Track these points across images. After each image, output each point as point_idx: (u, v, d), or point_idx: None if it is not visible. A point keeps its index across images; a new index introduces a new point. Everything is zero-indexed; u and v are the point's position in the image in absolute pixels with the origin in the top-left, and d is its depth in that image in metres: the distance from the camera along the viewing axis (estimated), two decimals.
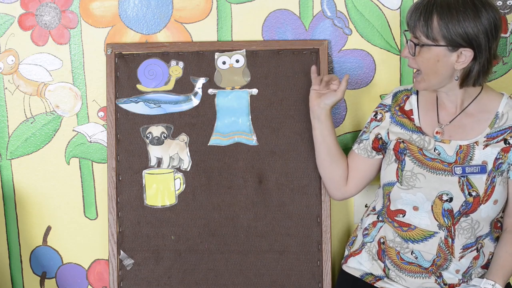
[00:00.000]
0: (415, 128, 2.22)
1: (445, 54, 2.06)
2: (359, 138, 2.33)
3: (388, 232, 2.26)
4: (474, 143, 2.15)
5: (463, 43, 2.04)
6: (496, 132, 2.15)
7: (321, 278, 2.46)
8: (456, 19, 2.02)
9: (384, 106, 2.29)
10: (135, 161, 2.47)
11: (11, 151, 2.54)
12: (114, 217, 2.47)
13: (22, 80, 2.51)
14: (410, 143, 2.21)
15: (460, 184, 2.14)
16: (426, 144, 2.19)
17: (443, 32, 2.04)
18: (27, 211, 2.57)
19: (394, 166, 2.22)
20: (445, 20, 2.03)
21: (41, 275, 2.61)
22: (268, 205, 2.47)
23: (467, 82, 2.11)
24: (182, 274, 2.48)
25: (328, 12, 2.46)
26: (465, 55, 2.05)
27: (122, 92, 2.47)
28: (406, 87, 2.29)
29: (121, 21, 2.47)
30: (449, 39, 2.04)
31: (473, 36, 2.03)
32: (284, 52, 2.45)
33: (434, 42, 2.06)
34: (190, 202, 2.47)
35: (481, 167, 2.14)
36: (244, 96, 2.47)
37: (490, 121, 2.16)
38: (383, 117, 2.28)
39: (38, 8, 2.46)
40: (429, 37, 2.06)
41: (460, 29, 2.03)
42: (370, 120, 2.31)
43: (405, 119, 2.24)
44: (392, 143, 2.24)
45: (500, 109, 2.16)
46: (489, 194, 2.14)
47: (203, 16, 2.47)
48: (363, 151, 2.31)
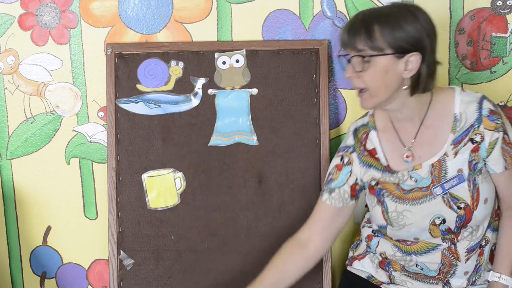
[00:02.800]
0: (383, 168, 2.15)
1: (393, 63, 1.99)
2: (327, 187, 2.20)
3: (387, 248, 2.22)
4: (444, 156, 2.09)
5: (409, 47, 1.98)
6: (460, 135, 2.08)
7: (321, 278, 2.46)
8: (397, 25, 1.98)
9: (347, 147, 2.20)
10: (135, 161, 2.47)
11: (11, 151, 2.54)
12: (114, 217, 2.47)
13: (22, 80, 2.51)
14: (385, 182, 2.14)
15: (446, 202, 2.09)
16: (399, 179, 2.12)
17: (388, 39, 1.97)
18: (27, 211, 2.57)
19: (378, 209, 2.16)
20: (387, 27, 1.97)
21: (41, 275, 2.61)
22: (268, 205, 2.47)
23: (418, 89, 2.03)
24: (182, 274, 2.48)
25: (328, 12, 2.46)
26: (413, 60, 1.99)
27: (122, 92, 2.47)
28: (363, 122, 2.21)
29: (121, 21, 2.47)
30: (395, 46, 1.98)
31: (417, 38, 1.98)
32: (284, 52, 2.45)
33: (380, 52, 1.99)
34: (190, 202, 2.47)
35: (458, 177, 2.08)
36: (244, 96, 2.47)
37: (451, 126, 2.09)
38: (350, 160, 2.19)
39: (38, 8, 2.46)
40: (374, 48, 1.99)
41: (404, 33, 1.97)
42: (338, 167, 2.21)
43: (371, 159, 2.16)
44: (367, 186, 2.18)
45: (457, 110, 2.08)
46: (476, 198, 2.09)
47: (203, 16, 2.47)
48: (338, 200, 2.20)
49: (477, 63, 2.47)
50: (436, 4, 2.44)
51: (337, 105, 2.51)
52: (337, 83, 2.50)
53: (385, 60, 1.99)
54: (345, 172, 2.19)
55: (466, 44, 2.46)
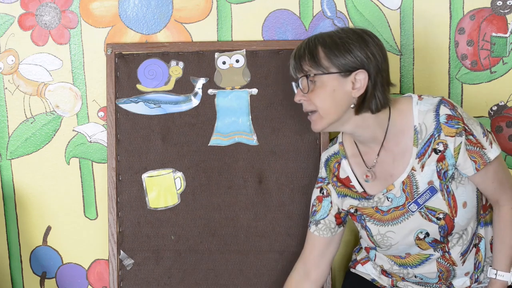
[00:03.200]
0: (359, 196, 2.16)
1: (339, 82, 1.99)
2: (313, 219, 2.23)
3: (384, 263, 2.24)
4: (411, 171, 2.07)
5: (354, 65, 1.98)
6: (422, 147, 2.06)
7: None
8: (341, 45, 1.99)
9: (323, 179, 2.23)
10: (135, 161, 2.47)
11: (11, 151, 2.54)
12: (114, 217, 2.47)
13: (22, 80, 2.51)
14: (363, 207, 2.15)
15: (424, 216, 2.08)
16: (377, 202, 2.13)
17: (331, 59, 1.98)
18: (27, 211, 2.57)
19: (364, 233, 2.19)
20: (331, 48, 1.99)
21: (41, 275, 2.61)
22: (268, 205, 2.47)
23: (363, 107, 2.01)
24: (182, 274, 2.48)
25: (328, 12, 2.46)
26: (360, 78, 1.98)
27: (122, 92, 2.47)
28: (334, 151, 2.21)
29: (121, 21, 2.47)
30: (339, 64, 1.98)
31: (361, 57, 1.98)
32: (284, 52, 2.45)
33: (325, 71, 1.99)
34: (190, 202, 2.47)
35: (430, 189, 2.07)
36: (244, 96, 2.47)
37: (412, 139, 2.06)
38: (328, 191, 2.21)
39: (38, 8, 2.46)
40: (319, 68, 2.00)
41: (347, 52, 1.98)
42: (318, 199, 2.23)
43: (345, 189, 2.18)
44: (347, 214, 2.21)
45: (416, 122, 2.05)
46: (454, 205, 2.07)
47: (203, 16, 2.47)
48: (325, 231, 2.22)
49: (477, 63, 2.47)
50: (436, 4, 2.44)
51: None
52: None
53: (331, 80, 2.00)
54: (326, 204, 2.22)
55: (466, 44, 2.46)
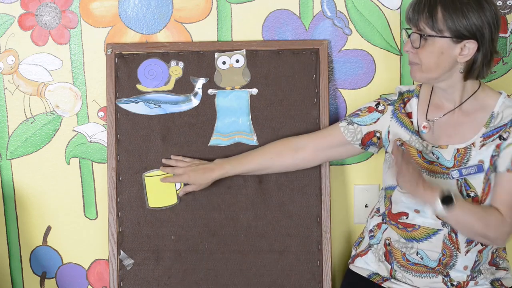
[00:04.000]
0: (414, 131, 2.22)
1: (449, 46, 2.07)
2: (350, 118, 2.30)
3: (392, 234, 2.25)
4: (471, 145, 2.15)
5: (467, 34, 2.05)
6: (491, 131, 2.14)
7: (321, 278, 2.46)
8: (460, 11, 2.05)
9: (388, 100, 2.28)
10: (135, 161, 2.47)
11: (11, 151, 2.54)
12: (114, 217, 2.47)
13: (22, 80, 2.51)
14: (409, 145, 2.20)
15: (459, 186, 2.14)
16: (424, 148, 2.19)
17: (448, 23, 2.05)
18: (27, 211, 2.57)
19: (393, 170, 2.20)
20: (450, 11, 2.05)
21: (41, 275, 2.61)
22: (268, 205, 2.47)
23: (471, 74, 2.12)
24: (182, 274, 2.48)
25: (328, 12, 2.46)
26: (469, 47, 2.07)
27: (122, 92, 2.47)
28: (409, 88, 2.29)
29: (121, 21, 2.47)
30: (454, 30, 2.06)
31: (477, 27, 2.05)
32: (284, 52, 2.45)
33: (439, 34, 2.07)
34: (190, 202, 2.47)
35: (478, 167, 2.13)
36: (244, 96, 2.47)
37: (485, 121, 2.16)
38: (385, 110, 2.27)
39: (38, 8, 2.46)
40: (434, 28, 2.07)
41: (465, 20, 2.05)
42: (369, 109, 2.28)
43: (406, 118, 2.24)
44: (390, 144, 2.24)
45: (496, 109, 2.16)
46: (487, 193, 2.13)
47: (203, 16, 2.47)
48: (350, 133, 2.28)
49: None
50: None
51: (337, 105, 2.51)
52: (337, 83, 2.50)
53: (442, 42, 2.07)
54: (373, 117, 2.28)
55: None
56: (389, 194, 2.24)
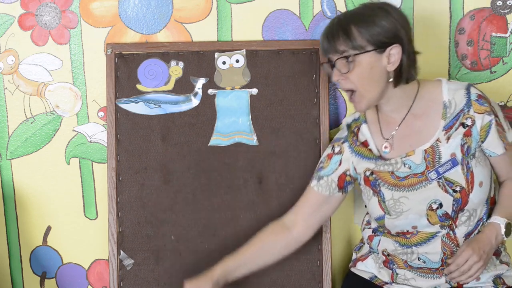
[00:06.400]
0: (376, 157, 2.20)
1: (376, 59, 2.08)
2: (317, 174, 2.28)
3: (388, 245, 2.24)
4: (436, 142, 2.14)
5: (388, 40, 2.07)
6: (451, 120, 2.14)
7: (321, 278, 2.46)
8: (371, 22, 2.07)
9: (340, 139, 2.28)
10: (135, 161, 2.47)
11: (11, 151, 2.54)
12: (114, 217, 2.47)
13: (22, 80, 2.51)
14: (379, 171, 2.19)
15: (442, 186, 2.13)
16: (393, 166, 2.17)
17: (366, 36, 2.06)
18: (27, 211, 2.57)
19: (375, 200, 2.20)
20: (362, 25, 2.07)
21: (41, 275, 2.61)
22: (268, 205, 2.46)
23: (401, 79, 2.12)
24: (182, 274, 2.48)
25: (328, 12, 2.46)
26: (394, 53, 2.08)
27: (122, 92, 2.47)
28: (354, 117, 2.28)
29: (121, 21, 2.47)
30: (374, 41, 2.07)
31: (393, 30, 2.07)
32: (284, 52, 2.45)
33: (362, 50, 2.07)
34: (190, 202, 2.47)
35: (452, 161, 2.13)
36: (244, 96, 2.47)
37: (441, 113, 2.15)
38: (341, 149, 2.25)
39: (38, 8, 2.46)
40: (355, 47, 2.07)
41: (379, 28, 2.07)
42: (328, 156, 2.27)
43: (364, 148, 2.22)
44: (361, 177, 2.23)
45: (445, 98, 2.15)
46: (471, 181, 2.13)
47: (203, 16, 2.47)
48: (325, 188, 2.26)
49: (477, 63, 2.47)
50: (436, 4, 2.44)
51: (337, 105, 2.51)
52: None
53: (368, 57, 2.08)
54: (335, 161, 2.26)
55: (466, 44, 2.46)
56: (381, 223, 2.23)
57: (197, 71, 2.47)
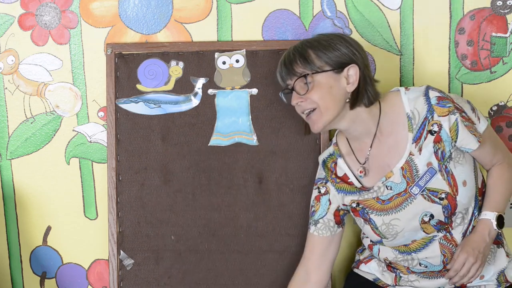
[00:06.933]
0: (359, 190, 2.20)
1: (335, 79, 2.10)
2: (312, 220, 2.28)
3: (388, 253, 2.25)
4: (409, 156, 2.13)
5: (344, 61, 2.10)
6: (418, 131, 2.13)
7: None
8: (328, 46, 2.11)
9: (321, 179, 2.28)
10: (135, 161, 2.47)
11: (11, 151, 2.54)
12: (114, 217, 2.47)
13: (22, 80, 2.51)
14: (364, 200, 2.19)
15: (427, 198, 2.13)
16: (377, 192, 2.17)
17: (324, 59, 2.10)
18: (27, 211, 2.57)
19: (368, 227, 2.21)
20: (320, 49, 2.11)
21: (41, 275, 2.61)
22: (268, 205, 2.46)
23: (358, 101, 2.12)
24: (182, 274, 2.48)
25: (328, 12, 2.46)
26: (352, 73, 2.10)
27: (122, 92, 2.47)
28: (329, 152, 2.28)
29: (121, 21, 2.47)
30: (331, 62, 2.10)
31: (349, 53, 2.11)
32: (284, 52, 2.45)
33: (319, 70, 2.10)
34: (190, 202, 2.47)
35: (429, 171, 2.12)
36: (244, 96, 2.47)
37: (407, 126, 2.14)
38: (327, 189, 2.26)
39: (38, 8, 2.46)
40: (313, 68, 2.10)
41: (336, 51, 2.11)
42: (316, 198, 2.28)
43: (345, 185, 2.23)
44: (350, 209, 2.24)
45: (407, 109, 2.14)
46: (454, 184, 2.13)
47: (203, 16, 2.47)
48: (325, 230, 2.26)
49: (477, 63, 2.47)
50: (436, 4, 2.44)
51: None
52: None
53: (326, 77, 2.10)
54: (324, 202, 2.26)
55: (466, 44, 2.46)
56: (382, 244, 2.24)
57: (197, 71, 2.47)
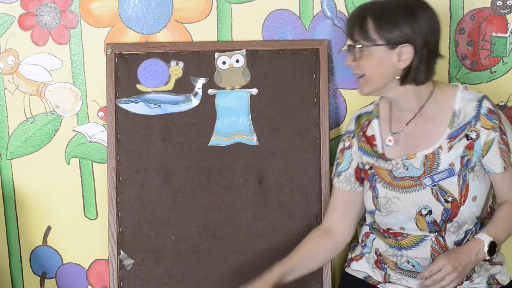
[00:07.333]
0: (378, 155, 2.20)
1: (386, 54, 2.07)
2: (335, 171, 2.29)
3: (381, 245, 2.25)
4: (438, 149, 2.13)
5: (400, 40, 2.05)
6: (456, 130, 2.13)
7: (321, 278, 2.46)
8: (390, 20, 2.06)
9: (349, 133, 2.28)
10: (135, 161, 2.47)
11: (11, 151, 2.54)
12: (114, 217, 2.47)
13: (22, 80, 2.51)
14: (378, 167, 2.19)
15: (434, 194, 2.13)
16: (393, 166, 2.17)
17: (379, 32, 2.06)
18: (27, 211, 2.57)
19: (370, 194, 2.21)
20: (379, 21, 2.06)
21: (41, 275, 2.61)
22: (268, 205, 2.47)
23: (407, 79, 2.09)
24: (182, 274, 2.48)
25: (328, 12, 2.46)
26: (406, 52, 2.06)
27: (122, 92, 2.47)
28: (367, 110, 2.27)
29: (121, 21, 2.47)
30: (386, 38, 2.06)
31: (409, 34, 2.05)
32: (284, 52, 2.45)
33: (372, 43, 2.07)
34: (190, 202, 2.47)
35: (448, 171, 2.12)
36: (244, 96, 2.47)
37: (448, 121, 2.14)
38: (351, 144, 2.26)
39: (38, 8, 2.46)
40: (366, 39, 2.07)
41: (395, 29, 2.05)
42: (341, 151, 2.28)
43: (367, 146, 2.23)
44: (363, 171, 2.24)
45: (456, 106, 2.14)
46: (465, 194, 2.12)
47: (203, 16, 2.47)
48: (345, 183, 2.26)
49: (477, 63, 2.47)
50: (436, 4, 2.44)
51: (337, 105, 2.51)
52: (337, 83, 2.50)
53: (377, 51, 2.08)
54: (347, 156, 2.27)
55: (466, 44, 2.46)
56: (372, 217, 2.24)
57: (197, 71, 2.47)
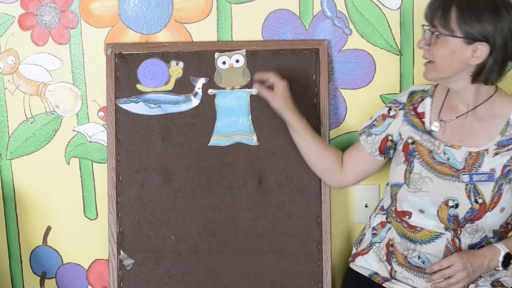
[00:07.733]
0: (425, 131, 2.20)
1: (461, 47, 2.05)
2: (368, 130, 2.30)
3: (395, 235, 2.25)
4: (484, 151, 2.14)
5: (479, 37, 2.03)
6: (507, 140, 2.13)
7: (321, 278, 2.46)
8: (474, 14, 2.02)
9: (398, 103, 2.27)
10: (135, 161, 2.47)
11: (11, 151, 2.54)
12: (114, 217, 2.47)
13: (22, 80, 2.51)
14: (420, 144, 2.19)
15: (467, 191, 2.13)
16: (435, 147, 2.17)
17: (461, 24, 2.03)
18: (27, 211, 2.57)
19: (402, 168, 2.20)
20: (464, 13, 2.03)
21: (41, 275, 2.61)
22: (268, 205, 2.47)
23: (479, 78, 2.08)
24: (182, 274, 2.48)
25: (328, 12, 2.46)
26: (481, 50, 2.04)
27: (122, 92, 2.47)
28: (423, 88, 2.27)
29: (121, 21, 2.47)
30: (466, 32, 2.03)
31: (490, 33, 2.02)
32: (284, 52, 2.45)
33: (451, 33, 2.05)
34: (190, 202, 2.47)
35: (488, 175, 2.12)
36: (244, 96, 2.47)
37: (501, 128, 2.14)
38: (396, 114, 2.26)
39: (38, 8, 2.46)
40: (446, 27, 2.05)
41: (478, 24, 2.02)
42: (383, 116, 2.28)
43: (417, 119, 2.22)
44: (401, 143, 2.23)
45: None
46: (495, 202, 2.12)
47: (203, 16, 2.47)
48: (369, 146, 2.28)
49: None
50: None
51: (337, 105, 2.51)
52: (337, 83, 2.50)
53: (453, 42, 2.05)
54: (386, 123, 2.27)
55: None
56: (395, 191, 2.23)
57: (197, 71, 2.47)
